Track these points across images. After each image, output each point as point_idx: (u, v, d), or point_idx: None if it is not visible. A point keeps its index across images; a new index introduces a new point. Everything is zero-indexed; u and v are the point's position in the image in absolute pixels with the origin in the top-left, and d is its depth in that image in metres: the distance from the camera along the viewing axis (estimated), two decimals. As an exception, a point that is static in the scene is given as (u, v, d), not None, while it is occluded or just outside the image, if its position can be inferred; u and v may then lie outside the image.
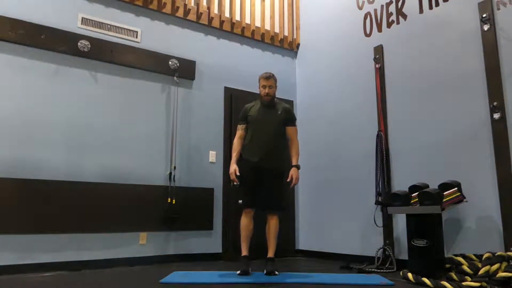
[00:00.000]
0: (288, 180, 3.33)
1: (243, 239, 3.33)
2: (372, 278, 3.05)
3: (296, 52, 5.40)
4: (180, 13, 4.49)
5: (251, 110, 3.50)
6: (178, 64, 4.32)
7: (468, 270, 2.77)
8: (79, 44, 3.81)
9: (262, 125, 3.40)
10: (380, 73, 4.08)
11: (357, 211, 4.14)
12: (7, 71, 3.52)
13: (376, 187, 3.88)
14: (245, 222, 3.32)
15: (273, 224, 3.36)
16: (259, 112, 3.45)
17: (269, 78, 3.50)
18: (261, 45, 5.12)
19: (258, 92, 4.87)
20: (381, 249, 3.73)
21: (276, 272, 3.17)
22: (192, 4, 4.62)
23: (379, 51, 4.14)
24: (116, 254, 3.76)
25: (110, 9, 4.11)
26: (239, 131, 3.49)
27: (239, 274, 3.13)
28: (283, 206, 3.55)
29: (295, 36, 5.38)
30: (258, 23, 5.10)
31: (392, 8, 4.10)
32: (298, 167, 3.40)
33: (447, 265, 2.94)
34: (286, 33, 5.33)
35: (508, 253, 2.65)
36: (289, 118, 3.50)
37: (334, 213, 4.46)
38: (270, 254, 3.33)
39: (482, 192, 3.11)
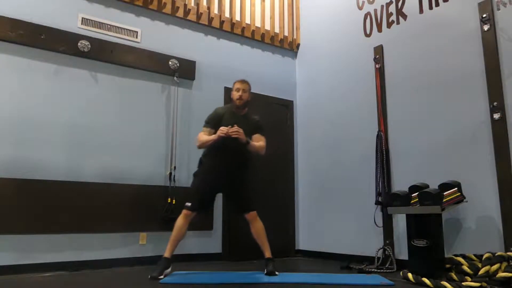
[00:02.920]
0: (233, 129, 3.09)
1: (173, 241, 3.18)
2: (372, 278, 3.05)
3: (296, 52, 5.40)
4: (180, 13, 4.49)
5: (224, 117, 3.27)
6: (178, 64, 4.32)
7: (468, 270, 2.77)
8: (79, 44, 3.81)
9: (233, 142, 3.14)
10: (380, 73, 4.08)
11: (357, 211, 4.14)
12: (7, 71, 3.52)
13: (376, 187, 3.88)
14: (181, 224, 3.18)
15: (258, 226, 3.32)
16: (231, 122, 3.19)
17: (243, 81, 3.40)
18: (261, 45, 5.12)
19: (257, 92, 4.91)
20: (381, 249, 3.73)
21: (276, 272, 3.17)
22: (192, 4, 4.62)
23: (379, 51, 4.14)
24: (116, 254, 3.76)
25: (110, 9, 4.11)
26: (204, 133, 3.24)
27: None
28: (256, 204, 3.42)
29: (295, 36, 5.38)
30: (258, 23, 5.10)
31: (392, 8, 4.10)
32: (248, 142, 3.17)
33: (447, 265, 2.94)
34: (286, 33, 5.33)
35: (508, 253, 2.65)
36: (259, 129, 3.36)
37: (334, 213, 4.46)
38: (268, 254, 3.31)
39: (482, 192, 3.11)
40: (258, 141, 3.31)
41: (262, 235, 3.33)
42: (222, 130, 3.08)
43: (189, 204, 3.22)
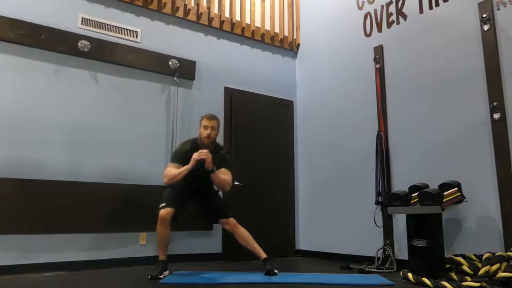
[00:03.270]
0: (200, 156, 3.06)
1: (160, 246, 3.20)
2: (372, 278, 3.05)
3: (296, 52, 5.40)
4: (180, 13, 4.49)
5: (192, 153, 3.12)
6: (178, 64, 4.32)
7: (468, 270, 2.77)
8: (79, 44, 3.81)
9: (199, 174, 3.12)
10: (380, 73, 4.08)
11: (357, 211, 4.14)
12: (7, 71, 3.52)
13: (376, 187, 3.88)
14: (161, 230, 3.14)
15: (242, 232, 3.32)
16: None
17: (212, 118, 3.24)
18: (261, 45, 5.12)
19: (257, 92, 4.93)
20: (381, 249, 3.73)
21: (276, 271, 3.17)
22: (192, 4, 4.62)
23: (379, 51, 4.14)
24: (116, 254, 3.76)
25: (110, 9, 4.11)
26: (172, 168, 3.15)
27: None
28: (231, 212, 3.41)
29: (295, 36, 5.38)
30: (258, 23, 5.10)
31: (392, 8, 4.10)
32: (213, 170, 3.12)
33: (447, 265, 2.94)
34: (286, 33, 5.33)
35: (508, 253, 2.65)
36: (225, 164, 3.27)
37: (334, 213, 4.46)
38: (263, 255, 3.32)
39: (482, 192, 3.11)
40: (224, 175, 3.22)
41: (249, 240, 3.32)
42: (196, 155, 3.05)
43: (163, 204, 3.18)
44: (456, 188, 3.06)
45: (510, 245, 2.83)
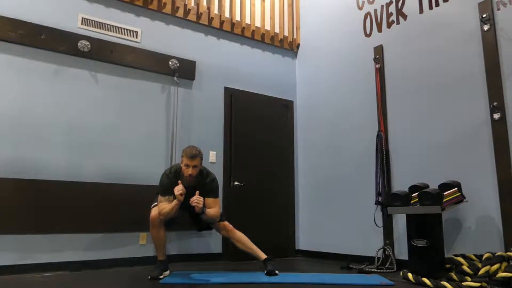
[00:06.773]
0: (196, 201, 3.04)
1: (157, 246, 3.24)
2: (372, 278, 3.05)
3: (296, 52, 5.40)
4: (180, 13, 4.49)
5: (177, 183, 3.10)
6: (178, 64, 4.32)
7: (468, 270, 2.77)
8: (79, 44, 3.81)
9: (185, 205, 3.10)
10: (380, 73, 4.08)
11: (357, 211, 4.14)
12: (7, 71, 3.52)
13: (376, 187, 3.88)
14: (155, 233, 3.18)
15: (239, 236, 3.34)
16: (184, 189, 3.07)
17: (194, 157, 3.10)
18: (261, 45, 5.12)
19: (257, 92, 4.93)
20: (381, 249, 3.73)
21: (277, 272, 3.17)
22: (192, 4, 4.62)
23: (379, 51, 4.14)
24: (116, 254, 3.76)
25: (110, 9, 4.11)
26: (164, 203, 3.10)
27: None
28: (224, 216, 3.42)
29: (295, 36, 5.38)
30: (258, 23, 5.10)
31: (392, 8, 4.10)
32: (203, 211, 3.08)
33: (447, 265, 2.94)
34: (286, 33, 5.33)
35: (508, 253, 2.65)
36: (212, 193, 3.24)
37: (334, 213, 4.46)
38: (263, 256, 3.33)
39: (482, 192, 3.11)
40: (212, 207, 3.20)
41: (247, 242, 3.34)
42: (176, 190, 3.00)
43: (155, 204, 3.19)
44: (456, 188, 3.06)
45: (510, 245, 2.83)
